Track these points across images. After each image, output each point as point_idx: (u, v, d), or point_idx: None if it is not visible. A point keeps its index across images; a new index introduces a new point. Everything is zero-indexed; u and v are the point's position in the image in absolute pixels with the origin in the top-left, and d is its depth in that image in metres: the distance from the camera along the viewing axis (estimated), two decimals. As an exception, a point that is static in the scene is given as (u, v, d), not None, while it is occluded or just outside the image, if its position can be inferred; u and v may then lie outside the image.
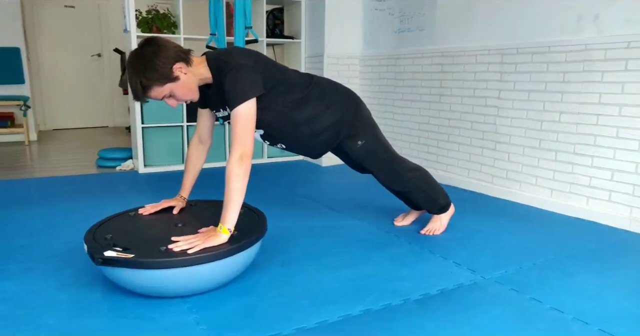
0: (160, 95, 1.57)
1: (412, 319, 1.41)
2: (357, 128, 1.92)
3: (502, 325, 1.37)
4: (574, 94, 2.37)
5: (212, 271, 1.49)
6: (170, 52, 1.53)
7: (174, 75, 1.54)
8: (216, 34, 3.46)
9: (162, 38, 1.58)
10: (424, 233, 2.13)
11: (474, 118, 2.90)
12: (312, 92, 1.83)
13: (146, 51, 1.52)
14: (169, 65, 1.52)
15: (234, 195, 1.55)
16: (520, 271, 1.75)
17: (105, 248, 1.45)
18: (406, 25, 3.32)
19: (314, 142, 1.90)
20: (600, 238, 2.12)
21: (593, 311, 1.45)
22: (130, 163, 3.68)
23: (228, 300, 1.52)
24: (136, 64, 1.51)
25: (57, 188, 3.00)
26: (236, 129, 1.58)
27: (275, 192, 2.96)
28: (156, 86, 1.54)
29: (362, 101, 2.00)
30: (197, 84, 1.65)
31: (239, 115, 1.58)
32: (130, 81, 1.53)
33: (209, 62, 1.65)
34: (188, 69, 1.58)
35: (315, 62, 3.82)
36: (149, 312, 1.42)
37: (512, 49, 2.61)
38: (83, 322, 1.37)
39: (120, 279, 1.47)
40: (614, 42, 2.18)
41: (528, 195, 2.64)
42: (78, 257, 1.80)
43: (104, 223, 1.71)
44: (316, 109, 1.83)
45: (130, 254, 1.41)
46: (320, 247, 1.99)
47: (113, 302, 1.49)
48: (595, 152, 2.32)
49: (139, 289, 1.49)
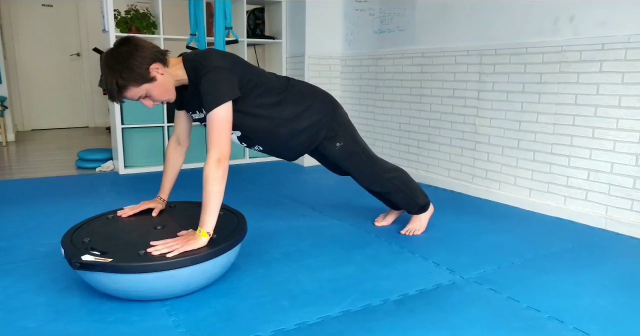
0: (136, 95, 1.55)
1: (391, 319, 1.41)
2: (335, 130, 1.92)
3: (479, 325, 1.39)
4: (551, 95, 2.40)
5: (191, 275, 1.48)
6: (147, 52, 1.51)
7: (150, 76, 1.53)
8: (196, 34, 3.43)
9: (139, 38, 1.56)
10: (404, 233, 2.14)
11: (454, 118, 2.93)
12: (289, 95, 1.82)
13: (122, 51, 1.50)
14: (145, 65, 1.51)
15: (212, 199, 1.54)
16: (499, 271, 1.77)
17: (82, 252, 1.44)
18: (387, 26, 3.33)
19: (292, 144, 1.89)
20: (576, 237, 2.16)
21: (568, 309, 1.48)
22: (110, 164, 3.63)
23: (207, 302, 1.51)
24: (112, 64, 1.49)
25: (36, 190, 2.95)
26: (212, 132, 1.56)
27: (257, 192, 2.95)
28: (132, 86, 1.52)
29: (339, 104, 2.00)
30: (174, 84, 1.63)
31: (215, 118, 1.56)
32: (106, 81, 1.51)
33: (185, 64, 1.64)
34: (165, 70, 1.57)
35: (296, 62, 3.81)
36: (127, 316, 1.41)
37: (491, 50, 2.64)
38: (61, 326, 1.36)
39: (98, 283, 1.45)
40: (589, 43, 2.22)
41: (507, 194, 2.67)
42: (56, 260, 1.78)
43: (81, 226, 1.68)
44: (294, 111, 1.83)
45: (108, 258, 1.39)
46: (301, 247, 1.99)
47: (91, 306, 1.47)
48: (572, 152, 2.35)
49: (117, 293, 1.48)
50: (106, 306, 1.47)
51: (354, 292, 1.58)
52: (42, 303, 1.48)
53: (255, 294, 1.57)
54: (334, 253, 1.93)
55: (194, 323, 1.38)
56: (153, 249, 1.45)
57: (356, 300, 1.53)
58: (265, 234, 2.14)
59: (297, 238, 2.11)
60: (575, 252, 1.97)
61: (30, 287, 1.59)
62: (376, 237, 2.12)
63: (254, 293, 1.58)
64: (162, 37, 3.47)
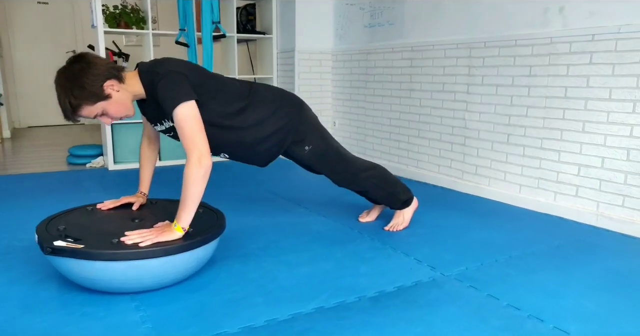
0: (92, 113, 1.51)
1: (364, 317, 1.36)
2: (303, 133, 1.86)
3: (455, 323, 1.34)
4: (541, 88, 2.34)
5: (163, 266, 1.45)
6: (100, 69, 1.47)
7: (105, 93, 1.48)
8: (185, 29, 3.38)
9: (92, 54, 1.52)
10: (388, 229, 2.09)
11: (444, 113, 2.87)
12: (252, 101, 1.75)
13: (74, 68, 1.45)
14: (99, 82, 1.46)
15: (191, 200, 1.50)
16: (482, 268, 1.72)
17: (56, 238, 1.43)
18: (377, 20, 3.28)
19: (258, 151, 1.82)
20: (566, 234, 2.10)
21: (550, 308, 1.43)
22: (100, 160, 3.63)
23: (179, 297, 1.48)
24: (64, 82, 1.45)
25: (25, 185, 2.95)
26: (184, 132, 1.51)
27: (242, 188, 2.91)
28: (86, 105, 1.48)
29: (306, 105, 1.93)
30: (131, 99, 1.59)
31: (182, 117, 1.50)
32: (59, 100, 1.47)
33: (141, 76, 1.59)
34: (120, 86, 1.53)
35: (287, 58, 3.77)
36: (95, 310, 1.39)
37: (480, 43, 2.59)
38: (29, 319, 1.34)
39: (69, 272, 1.44)
40: (578, 35, 2.16)
41: (497, 190, 2.62)
42: (33, 254, 1.76)
43: (59, 216, 1.68)
44: (258, 118, 1.76)
45: (80, 245, 1.39)
46: (282, 243, 1.95)
47: (64, 299, 1.46)
48: (562, 147, 2.30)
49: (87, 283, 1.46)
50: (77, 299, 1.45)
51: (330, 289, 1.54)
52: (14, 297, 1.47)
53: (229, 290, 1.53)
54: (314, 250, 1.88)
55: (161, 318, 1.35)
56: (126, 238, 1.43)
57: (331, 296, 1.49)
58: (246, 230, 2.10)
59: (279, 234, 2.06)
60: (564, 250, 1.91)
61: (3, 281, 1.58)
62: (359, 233, 2.08)
63: (228, 288, 1.54)
64: (150, 33, 3.43)
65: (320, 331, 1.29)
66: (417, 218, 2.21)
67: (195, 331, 1.28)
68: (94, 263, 1.38)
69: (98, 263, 1.38)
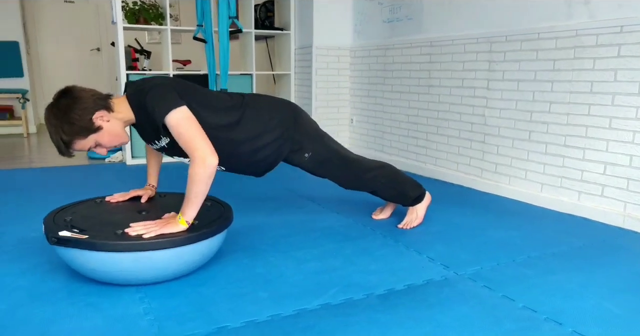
0: (86, 146, 1.50)
1: (371, 314, 1.32)
2: (300, 142, 1.80)
3: (467, 323, 1.27)
4: (565, 83, 2.25)
5: (167, 258, 1.44)
6: (87, 102, 1.45)
7: (95, 126, 1.47)
8: (203, 25, 3.39)
9: (78, 88, 1.49)
10: (402, 227, 2.04)
11: (463, 109, 2.79)
12: (245, 113, 1.70)
13: (61, 104, 1.44)
14: (87, 116, 1.45)
15: (195, 197, 1.48)
16: (497, 268, 1.65)
17: (62, 228, 1.43)
18: (395, 15, 3.22)
19: (254, 162, 1.77)
20: (590, 235, 2.01)
21: (569, 311, 1.35)
22: (119, 155, 3.69)
23: (183, 290, 1.46)
24: (53, 120, 1.44)
25: (47, 178, 3.01)
26: (182, 136, 1.47)
27: (257, 184, 2.88)
28: (78, 140, 1.47)
29: (301, 111, 1.87)
30: (122, 127, 1.56)
31: (175, 122, 1.47)
32: (51, 138, 1.46)
33: (129, 98, 1.56)
34: (110, 115, 1.51)
35: (304, 54, 3.74)
36: (99, 301, 1.39)
37: (501, 37, 2.50)
38: (32, 309, 1.34)
39: (74, 262, 1.44)
40: (605, 26, 2.06)
41: (518, 189, 2.53)
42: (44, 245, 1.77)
43: (67, 207, 1.69)
44: (252, 130, 1.70)
45: (85, 235, 1.39)
46: (291, 239, 1.92)
47: (70, 289, 1.46)
48: (587, 144, 2.19)
49: (92, 274, 1.46)
50: (83, 290, 1.45)
51: (338, 285, 1.50)
52: (21, 287, 1.48)
53: (234, 284, 1.51)
54: (323, 246, 1.84)
55: (164, 311, 1.33)
56: (130, 229, 1.42)
57: (338, 293, 1.44)
58: (256, 225, 2.07)
59: (289, 229, 2.03)
60: (586, 251, 1.82)
61: (14, 271, 1.60)
62: (371, 230, 2.03)
63: (234, 283, 1.52)
64: (169, 28, 3.45)
65: (324, 327, 1.25)
66: (432, 216, 2.14)
67: (197, 325, 1.26)
68: (97, 254, 1.37)
69: (101, 253, 1.37)
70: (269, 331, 1.23)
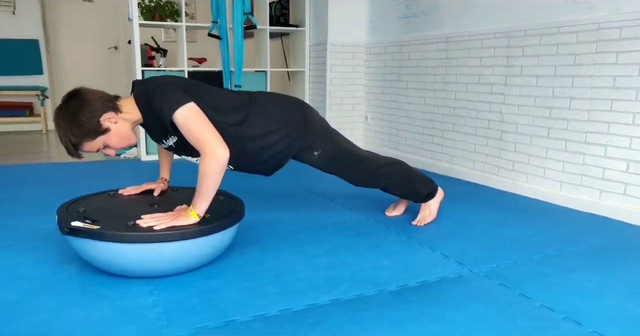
0: (94, 148, 1.51)
1: (382, 310, 1.29)
2: (309, 139, 1.77)
3: (481, 321, 1.24)
4: (586, 78, 2.18)
5: (178, 251, 1.43)
6: (95, 104, 1.46)
7: (103, 128, 1.47)
8: (218, 21, 3.39)
9: (86, 90, 1.50)
10: (415, 224, 2.00)
11: (480, 106, 2.74)
12: (253, 111, 1.68)
13: (70, 107, 1.45)
14: (95, 118, 1.45)
15: (206, 190, 1.47)
16: (514, 266, 1.60)
17: (74, 219, 1.44)
18: (411, 11, 3.18)
19: (262, 160, 1.75)
20: (610, 234, 1.94)
21: (588, 310, 1.30)
22: (134, 151, 3.71)
23: (194, 283, 1.46)
24: (62, 122, 1.45)
25: (64, 173, 3.07)
26: (191, 132, 1.46)
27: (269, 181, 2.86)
28: (86, 142, 1.48)
29: (310, 109, 1.85)
30: (130, 128, 1.56)
31: (183, 119, 1.46)
32: (60, 140, 1.48)
33: (136, 98, 1.56)
34: (118, 117, 1.51)
35: (319, 51, 3.72)
36: (110, 292, 1.39)
37: (520, 31, 2.44)
38: (42, 299, 1.35)
39: (85, 252, 1.45)
40: (630, 19, 1.99)
41: (535, 187, 2.47)
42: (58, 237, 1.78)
43: (81, 199, 1.70)
44: (260, 128, 1.68)
45: (97, 226, 1.40)
46: (303, 235, 1.90)
47: (81, 280, 1.47)
48: (608, 141, 2.13)
49: (103, 265, 1.47)
50: (94, 281, 1.46)
51: (349, 281, 1.47)
52: (35, 276, 1.50)
53: (244, 278, 1.50)
54: (336, 242, 1.82)
55: (173, 304, 1.32)
56: (142, 221, 1.43)
57: (349, 288, 1.42)
58: (268, 221, 2.06)
59: (301, 225, 2.01)
60: (607, 250, 1.76)
61: (28, 261, 1.61)
62: (384, 227, 2.00)
63: (243, 277, 1.51)
64: (184, 25, 3.47)
65: (334, 322, 1.23)
66: (447, 214, 2.10)
67: (205, 318, 1.25)
68: (108, 245, 1.37)
69: (112, 244, 1.37)
70: (278, 325, 1.21)
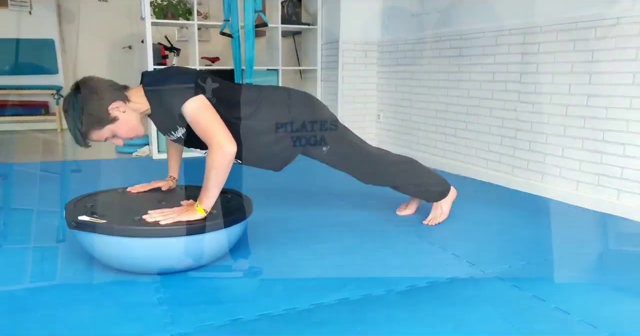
0: (102, 137, 1.52)
1: (390, 310, 1.26)
2: (318, 134, 1.75)
3: (491, 323, 1.20)
4: (604, 75, 2.12)
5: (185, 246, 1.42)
6: (103, 93, 1.46)
7: (111, 117, 1.47)
8: (230, 19, 3.39)
9: (95, 78, 1.50)
10: (427, 223, 1.96)
11: (494, 104, 2.69)
12: (262, 105, 1.67)
13: (79, 95, 1.45)
14: (103, 107, 1.46)
15: (213, 185, 1.46)
16: (528, 267, 1.56)
17: (82, 214, 1.45)
18: (425, 8, 3.14)
19: (271, 154, 1.74)
20: (630, 235, 1.89)
21: (605, 314, 1.26)
22: (145, 150, 3.74)
23: (200, 281, 1.45)
24: (70, 110, 1.46)
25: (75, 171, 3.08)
26: (200, 125, 1.46)
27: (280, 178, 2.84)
28: (94, 130, 1.48)
29: (319, 103, 1.83)
30: (138, 119, 1.56)
31: (192, 112, 1.46)
32: (69, 128, 1.49)
33: (145, 89, 1.55)
34: (126, 106, 1.51)
35: (331, 49, 3.69)
36: (116, 288, 1.39)
37: (535, 28, 2.38)
38: (48, 295, 1.35)
39: (92, 247, 1.45)
40: (650, 14, 1.93)
41: (551, 187, 2.41)
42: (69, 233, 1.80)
43: (89, 195, 1.71)
44: (267, 124, 1.67)
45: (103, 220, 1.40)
46: (312, 233, 1.88)
47: (87, 276, 1.48)
48: (627, 139, 2.06)
49: (110, 260, 1.47)
50: (99, 278, 1.46)
51: (357, 280, 1.45)
52: (42, 272, 1.51)
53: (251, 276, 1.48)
54: (345, 241, 1.79)
55: (178, 301, 1.31)
56: (148, 216, 1.43)
57: (357, 288, 1.40)
58: (277, 218, 2.04)
59: (310, 223, 1.99)
60: (625, 252, 1.71)
61: (36, 257, 1.62)
62: (395, 226, 1.96)
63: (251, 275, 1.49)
64: (196, 23, 3.47)
65: (340, 322, 1.20)
66: (460, 213, 2.06)
67: (210, 316, 1.23)
68: (114, 239, 1.37)
69: (117, 238, 1.37)
70: (283, 324, 1.20)
